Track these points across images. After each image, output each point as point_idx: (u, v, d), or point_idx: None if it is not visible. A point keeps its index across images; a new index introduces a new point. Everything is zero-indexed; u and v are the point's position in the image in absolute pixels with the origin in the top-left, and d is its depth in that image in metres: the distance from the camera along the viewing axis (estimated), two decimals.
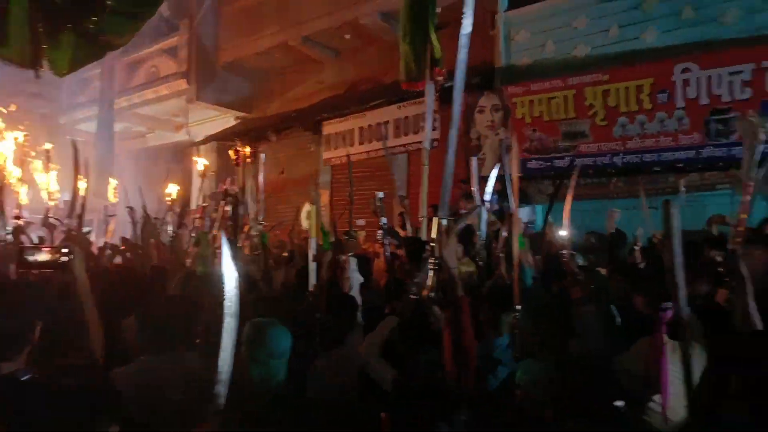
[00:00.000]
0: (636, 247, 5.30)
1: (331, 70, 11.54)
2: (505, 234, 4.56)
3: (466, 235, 4.96)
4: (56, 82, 16.14)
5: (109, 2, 3.92)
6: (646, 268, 4.77)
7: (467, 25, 3.43)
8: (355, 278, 4.37)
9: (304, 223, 6.69)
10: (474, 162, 5.29)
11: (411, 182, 9.48)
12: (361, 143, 9.71)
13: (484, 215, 4.98)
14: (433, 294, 2.77)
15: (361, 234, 7.27)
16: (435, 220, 3.00)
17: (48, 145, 8.98)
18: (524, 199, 7.76)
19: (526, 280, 3.70)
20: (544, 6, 7.80)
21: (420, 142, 7.56)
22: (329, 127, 10.23)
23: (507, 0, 8.17)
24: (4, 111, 9.33)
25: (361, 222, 7.52)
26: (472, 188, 5.37)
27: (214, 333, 1.74)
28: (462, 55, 3.34)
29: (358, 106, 9.64)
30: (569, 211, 4.82)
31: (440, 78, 7.35)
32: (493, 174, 5.24)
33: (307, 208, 6.24)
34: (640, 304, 3.41)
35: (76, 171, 6.91)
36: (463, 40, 3.37)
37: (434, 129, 8.04)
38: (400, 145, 9.14)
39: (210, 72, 12.24)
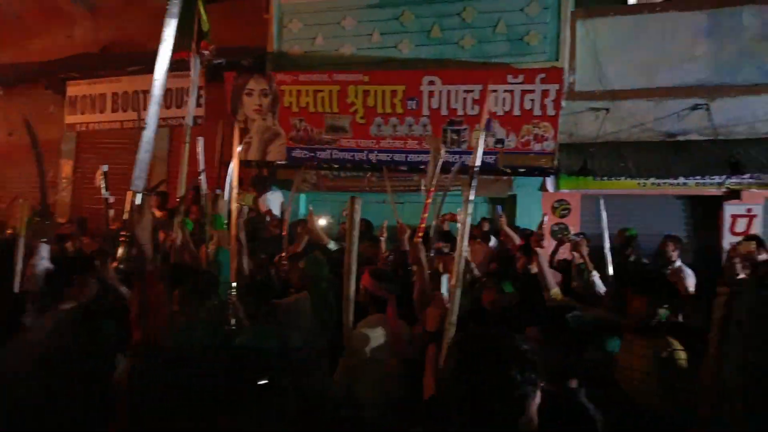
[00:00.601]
0: (381, 238, 5.80)
1: (84, 26, 10.11)
2: None
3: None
4: None
5: None
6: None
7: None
8: (41, 265, 3.89)
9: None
10: (200, 143, 5.11)
11: (171, 160, 8.87)
12: (114, 111, 8.73)
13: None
14: (121, 266, 2.74)
15: (111, 212, 6.56)
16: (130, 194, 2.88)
17: None
18: (287, 187, 7.90)
19: (220, 259, 3.76)
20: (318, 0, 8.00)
21: (183, 118, 7.14)
22: (76, 89, 8.96)
23: None
24: None
25: (111, 199, 6.74)
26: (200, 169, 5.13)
27: None
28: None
29: (114, 69, 8.64)
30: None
31: (208, 52, 7.04)
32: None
33: None
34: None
35: None
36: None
37: (199, 105, 7.68)
38: (161, 119, 8.47)
39: None
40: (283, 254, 4.58)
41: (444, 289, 2.83)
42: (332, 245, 5.47)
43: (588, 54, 7.03)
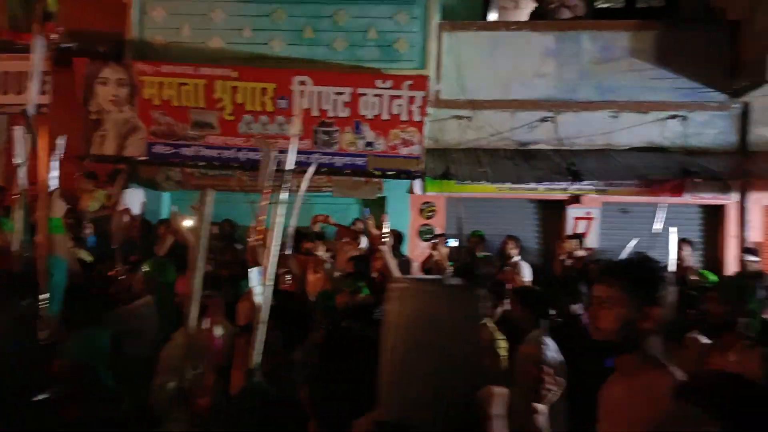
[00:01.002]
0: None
1: None
2: None
3: None
4: None
5: None
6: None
7: None
8: None
9: None
10: (19, 132, 4.62)
11: (6, 149, 7.88)
12: None
13: None
14: None
15: None
16: None
17: None
18: (150, 185, 7.40)
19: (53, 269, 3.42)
20: None
21: (23, 105, 6.37)
22: None
23: None
24: None
25: None
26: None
27: None
28: None
29: None
30: None
31: (55, 36, 6.36)
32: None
33: None
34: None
35: None
36: None
37: (43, 93, 6.89)
38: (2, 104, 7.50)
39: None
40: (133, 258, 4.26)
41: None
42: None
43: (453, 64, 7.37)
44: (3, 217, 5.47)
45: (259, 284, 2.87)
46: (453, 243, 6.17)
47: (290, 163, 2.82)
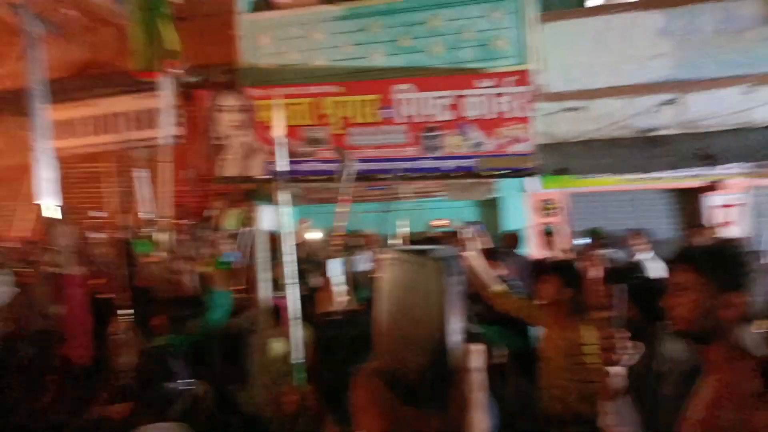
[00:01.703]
0: None
1: (53, 49, 9.85)
2: None
3: None
4: None
5: None
6: None
7: None
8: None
9: None
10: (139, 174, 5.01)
11: (155, 179, 8.69)
12: (96, 134, 8.51)
13: None
14: None
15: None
16: None
17: None
18: (271, 201, 7.78)
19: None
20: (284, 15, 7.92)
21: (156, 138, 6.99)
22: (53, 113, 8.70)
23: (249, 3, 8.08)
24: None
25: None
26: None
27: None
28: None
29: (88, 91, 8.42)
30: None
31: (179, 72, 6.91)
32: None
33: None
34: None
35: None
36: None
37: (178, 125, 7.51)
38: (140, 140, 8.29)
39: None
40: None
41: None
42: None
43: (557, 56, 7.03)
44: (137, 239, 6.00)
45: (338, 274, 3.12)
46: (581, 241, 5.84)
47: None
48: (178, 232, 6.28)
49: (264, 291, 3.10)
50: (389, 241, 5.61)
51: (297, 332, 2.81)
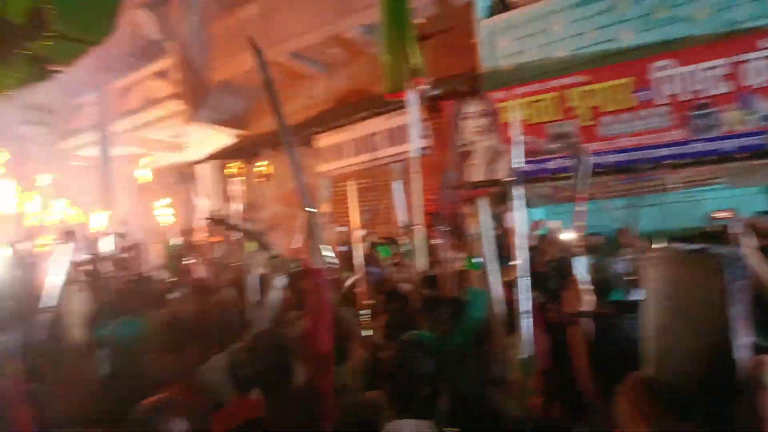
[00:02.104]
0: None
1: (321, 84, 11.47)
2: None
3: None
4: (47, 109, 16.11)
5: (56, 28, 3.97)
6: None
7: None
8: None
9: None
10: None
11: (408, 191, 9.42)
12: (356, 155, 9.63)
13: None
14: None
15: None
16: None
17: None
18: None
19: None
20: (521, 12, 7.77)
21: (408, 152, 7.52)
22: (321, 141, 10.15)
23: (487, 8, 8.14)
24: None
25: (362, 233, 7.40)
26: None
27: None
28: None
29: (347, 118, 9.57)
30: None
31: (424, 87, 7.34)
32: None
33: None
34: None
35: None
36: None
37: (426, 137, 8.01)
38: (393, 155, 9.07)
39: (203, 92, 12.15)
40: None
41: None
42: None
43: None
44: (381, 245, 6.48)
45: (584, 274, 3.03)
46: None
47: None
48: (432, 237, 6.62)
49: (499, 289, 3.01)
50: (655, 239, 5.01)
51: (527, 327, 2.72)
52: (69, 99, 15.44)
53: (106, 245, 7.26)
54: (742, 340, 1.25)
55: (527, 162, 7.26)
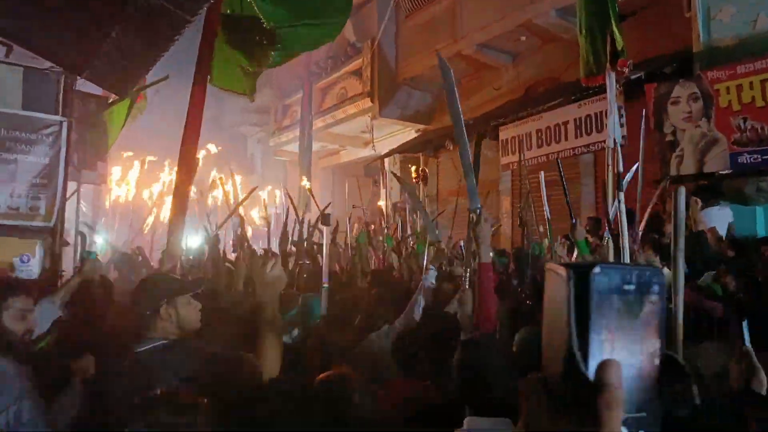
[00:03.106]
0: None
1: (507, 75, 11.20)
2: None
3: None
4: (266, 110, 18.34)
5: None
6: None
7: None
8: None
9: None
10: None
11: (598, 185, 8.73)
12: (539, 146, 9.22)
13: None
14: None
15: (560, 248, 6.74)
16: None
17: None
18: (738, 198, 6.64)
19: None
20: None
21: (605, 141, 6.91)
22: (505, 132, 9.91)
23: None
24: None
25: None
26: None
27: None
28: None
29: (535, 108, 9.17)
30: None
31: (624, 69, 6.68)
32: None
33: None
34: None
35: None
36: None
37: (624, 125, 7.30)
38: (582, 146, 8.47)
39: (391, 89, 12.74)
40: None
41: None
42: None
43: None
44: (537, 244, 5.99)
45: None
46: None
47: None
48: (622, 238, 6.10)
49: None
50: None
51: None
52: (279, 100, 17.48)
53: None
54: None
55: (750, 152, 6.22)
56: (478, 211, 3.11)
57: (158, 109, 10.23)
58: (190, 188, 5.15)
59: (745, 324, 2.00)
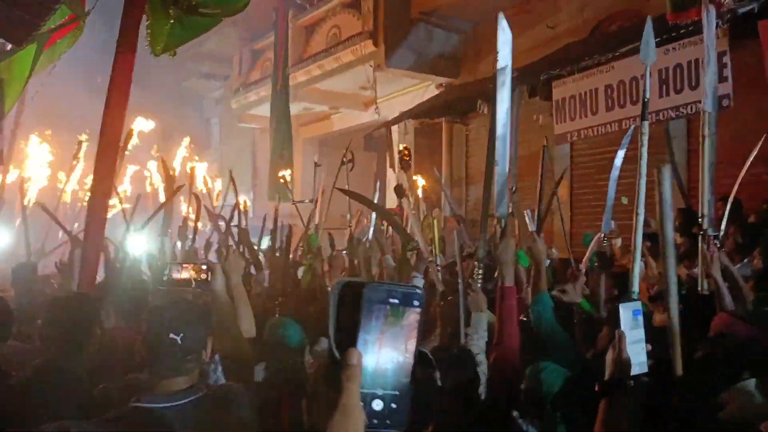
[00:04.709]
0: None
1: (568, 8, 11.14)
2: None
3: None
4: (227, 58, 18.38)
5: None
6: None
7: None
8: None
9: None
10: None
11: (691, 162, 8.65)
12: (609, 109, 9.16)
13: None
14: None
15: (617, 243, 6.81)
16: None
17: None
18: None
19: None
20: None
21: (700, 102, 6.85)
22: (561, 89, 9.86)
23: None
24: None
25: (612, 226, 6.90)
26: None
27: None
28: None
29: (604, 54, 9.10)
30: None
31: (729, 2, 6.65)
32: None
33: None
34: None
35: None
36: None
37: (723, 81, 7.23)
38: (670, 108, 8.41)
39: (402, 28, 12.65)
40: None
41: None
42: None
43: None
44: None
45: None
46: None
47: None
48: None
49: None
50: None
51: None
52: (245, 44, 17.49)
53: None
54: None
55: None
56: (504, 222, 3.25)
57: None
58: (115, 168, 5.16)
59: None
